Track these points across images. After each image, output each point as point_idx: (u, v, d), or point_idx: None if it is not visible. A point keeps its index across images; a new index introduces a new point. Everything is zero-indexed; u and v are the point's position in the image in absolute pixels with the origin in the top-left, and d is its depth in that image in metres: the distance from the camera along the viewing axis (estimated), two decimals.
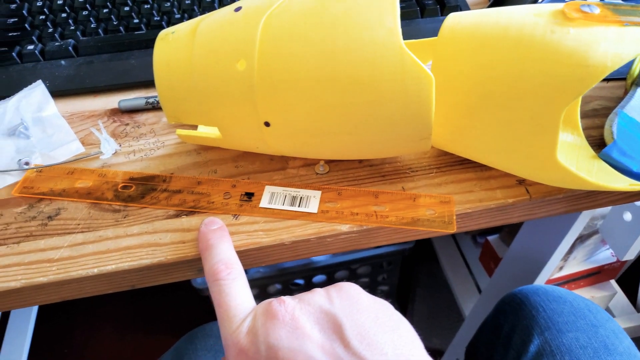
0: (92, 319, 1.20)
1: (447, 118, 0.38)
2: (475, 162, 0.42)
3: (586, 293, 0.93)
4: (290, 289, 1.03)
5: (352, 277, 1.04)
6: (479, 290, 1.07)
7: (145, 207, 0.40)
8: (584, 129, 0.43)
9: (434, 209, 0.39)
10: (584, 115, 0.46)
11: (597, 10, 0.33)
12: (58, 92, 0.49)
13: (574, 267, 0.90)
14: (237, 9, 0.37)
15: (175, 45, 0.37)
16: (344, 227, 0.38)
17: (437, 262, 1.20)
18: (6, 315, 1.08)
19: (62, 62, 0.51)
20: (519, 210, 0.40)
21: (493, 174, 0.41)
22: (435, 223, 0.38)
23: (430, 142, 0.36)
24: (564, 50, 0.32)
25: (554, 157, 0.35)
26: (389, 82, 0.33)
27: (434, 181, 0.41)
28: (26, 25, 0.54)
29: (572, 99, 0.32)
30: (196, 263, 0.37)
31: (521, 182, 0.40)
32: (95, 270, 0.36)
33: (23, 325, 1.06)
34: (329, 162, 0.43)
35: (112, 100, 0.50)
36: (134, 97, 0.49)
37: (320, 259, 1.01)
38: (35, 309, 1.12)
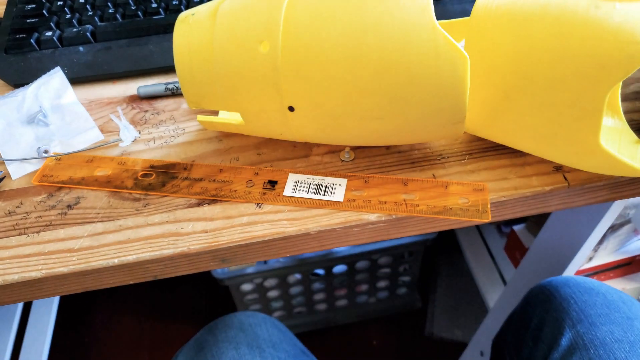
0: (112, 307, 1.21)
1: (481, 101, 0.36)
2: (509, 148, 0.40)
3: (617, 284, 0.90)
4: (310, 279, 1.02)
5: (373, 268, 1.02)
6: (504, 282, 1.05)
7: (166, 196, 0.39)
8: (624, 113, 0.41)
9: (467, 197, 0.37)
10: (625, 99, 0.43)
11: None
12: (76, 79, 0.48)
13: (604, 257, 0.87)
14: None
15: (195, 27, 0.36)
16: (372, 217, 0.36)
17: (460, 253, 1.18)
18: (28, 303, 1.09)
19: (81, 48, 0.50)
20: (557, 199, 0.38)
21: (528, 160, 0.39)
22: (469, 212, 0.36)
23: (464, 126, 0.34)
24: (610, 26, 0.30)
25: (597, 142, 0.33)
26: (421, 62, 0.31)
27: (466, 168, 0.39)
28: (44, 11, 0.53)
29: (619, 79, 0.30)
30: (220, 253, 0.36)
31: (558, 168, 0.38)
32: (116, 261, 0.35)
33: (45, 312, 1.07)
34: (354, 148, 0.41)
35: (131, 87, 0.49)
36: (153, 83, 0.47)
37: (341, 249, 1.00)
38: (56, 302, 1.13)
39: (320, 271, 1.01)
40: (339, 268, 1.01)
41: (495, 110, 0.36)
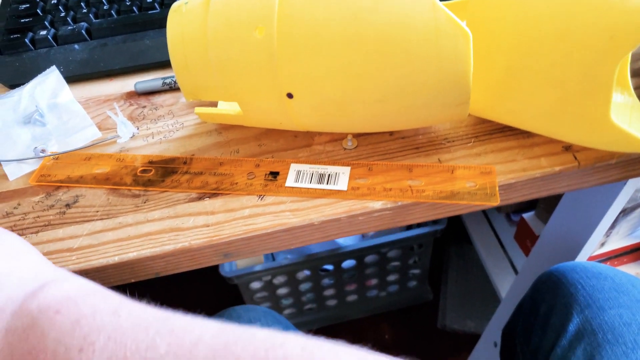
0: None
1: (485, 81, 0.35)
2: (516, 129, 0.38)
3: (630, 269, 0.89)
4: (319, 275, 1.01)
5: (382, 261, 1.01)
6: (515, 271, 1.03)
7: (165, 191, 0.38)
8: (634, 89, 0.39)
9: (474, 181, 0.36)
10: (634, 74, 0.42)
11: None
12: (73, 77, 0.48)
13: (617, 242, 0.85)
14: None
15: (189, 16, 0.35)
16: (377, 204, 0.35)
17: (469, 243, 1.16)
18: None
19: (76, 46, 0.49)
20: (567, 179, 0.37)
21: (536, 141, 0.38)
22: (477, 196, 0.35)
23: (468, 107, 0.33)
24: None
25: (608, 116, 0.31)
26: (421, 41, 0.30)
27: (472, 151, 0.38)
28: (38, 10, 0.52)
29: (628, 50, 0.29)
30: (222, 247, 0.35)
31: (568, 148, 0.37)
32: (117, 259, 0.34)
33: None
34: (357, 136, 0.40)
35: (128, 83, 0.48)
36: (150, 79, 0.47)
37: (349, 243, 0.99)
38: None
39: (329, 267, 1.00)
40: (348, 263, 1.00)
41: (501, 89, 0.35)
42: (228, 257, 0.36)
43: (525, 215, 0.97)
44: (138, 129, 0.43)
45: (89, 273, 0.34)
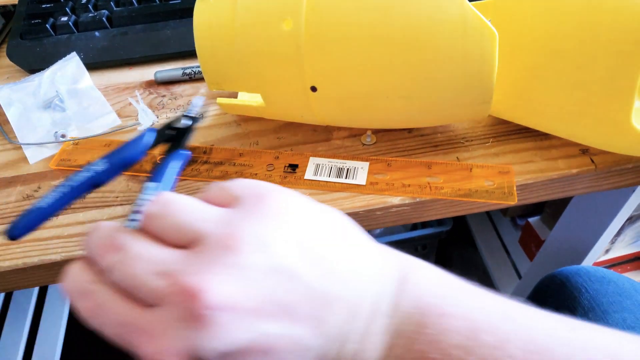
0: None
1: (507, 82, 0.35)
2: (534, 131, 0.39)
3: (634, 277, 0.89)
4: None
5: None
6: (519, 275, 1.04)
7: (185, 180, 0.38)
8: None
9: (492, 180, 0.36)
10: None
11: None
12: (92, 64, 0.48)
13: (622, 249, 0.86)
14: None
15: (216, 5, 0.35)
16: (395, 200, 0.36)
17: (474, 246, 1.16)
18: (42, 298, 1.09)
19: (96, 33, 0.50)
20: (584, 181, 0.37)
21: (554, 143, 0.38)
22: (495, 194, 0.35)
23: (490, 106, 0.34)
24: None
25: (629, 121, 0.32)
26: (449, 39, 0.30)
27: (490, 151, 0.38)
28: None
29: None
30: None
31: (585, 151, 0.37)
32: None
33: (59, 308, 1.07)
34: (376, 132, 0.40)
35: (148, 72, 0.48)
36: (170, 68, 0.47)
37: None
38: None
39: None
40: None
41: (522, 90, 0.35)
42: None
43: (531, 220, 0.97)
44: (157, 117, 0.43)
45: None
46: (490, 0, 0.40)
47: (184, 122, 0.31)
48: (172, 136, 0.31)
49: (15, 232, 0.28)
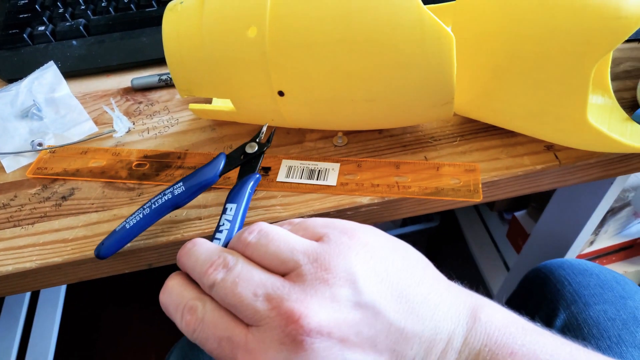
0: (119, 307, 1.21)
1: (470, 82, 0.36)
2: (500, 129, 0.40)
3: (619, 268, 0.90)
4: None
5: None
6: (507, 268, 1.05)
7: (160, 185, 0.39)
8: (615, 92, 0.41)
9: (459, 178, 0.37)
10: (615, 77, 0.43)
11: None
12: (70, 73, 0.48)
13: (605, 241, 0.87)
14: None
15: (184, 15, 0.36)
16: (365, 200, 0.37)
17: (463, 241, 1.17)
18: (34, 301, 1.10)
19: (74, 42, 0.50)
20: (549, 177, 0.38)
21: (520, 140, 0.39)
22: (461, 192, 0.36)
23: (453, 107, 0.34)
24: (595, 2, 0.30)
25: (585, 118, 0.32)
26: (407, 42, 0.31)
27: (457, 149, 0.39)
28: (37, 6, 0.53)
29: (603, 54, 0.30)
30: None
31: (549, 147, 0.38)
32: None
33: (51, 312, 1.08)
34: (347, 133, 0.41)
35: (125, 79, 0.49)
36: (146, 75, 0.48)
37: None
38: (62, 295, 1.14)
39: None
40: None
41: (485, 90, 0.36)
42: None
43: (517, 214, 0.98)
44: (134, 124, 0.44)
45: (83, 263, 0.35)
46: (451, 3, 0.41)
47: (253, 148, 0.35)
48: (243, 161, 0.35)
49: (102, 252, 0.32)
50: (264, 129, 0.36)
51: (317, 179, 0.38)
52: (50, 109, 0.45)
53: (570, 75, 0.31)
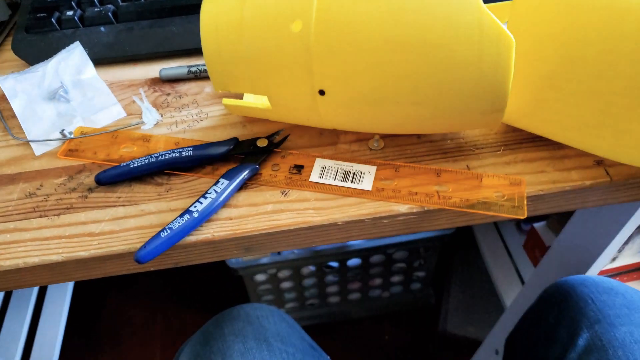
0: (125, 297, 1.20)
1: (522, 89, 0.34)
2: (547, 140, 0.38)
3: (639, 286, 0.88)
4: (323, 271, 1.01)
5: (388, 262, 1.01)
6: (522, 281, 1.03)
7: (188, 182, 0.37)
8: None
9: (502, 191, 0.35)
10: None
11: None
12: (97, 60, 0.47)
13: (629, 258, 0.84)
14: None
15: (224, 5, 0.34)
16: (403, 208, 0.35)
17: (476, 249, 1.16)
18: (42, 291, 1.09)
19: (102, 28, 0.49)
20: (598, 194, 0.36)
21: (568, 153, 0.37)
22: (504, 207, 0.34)
23: (503, 115, 0.33)
24: None
25: None
26: (464, 44, 0.29)
27: (501, 160, 0.37)
28: None
29: None
30: (244, 241, 0.35)
31: (600, 162, 0.36)
32: (138, 246, 0.34)
33: (59, 302, 1.07)
34: (384, 137, 0.39)
35: (153, 69, 0.47)
36: (175, 66, 0.46)
37: (356, 242, 0.99)
38: (70, 288, 1.13)
39: (335, 264, 1.00)
40: (354, 261, 1.00)
41: (538, 98, 0.34)
42: (249, 250, 0.36)
43: (536, 225, 0.96)
44: (162, 116, 0.43)
45: (110, 259, 0.34)
46: (507, 2, 0.39)
47: (264, 143, 0.38)
48: (250, 151, 0.38)
49: (142, 258, 0.32)
50: (281, 132, 0.39)
51: (351, 182, 0.36)
52: (77, 92, 0.43)
53: (638, 86, 0.29)
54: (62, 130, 0.41)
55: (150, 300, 1.20)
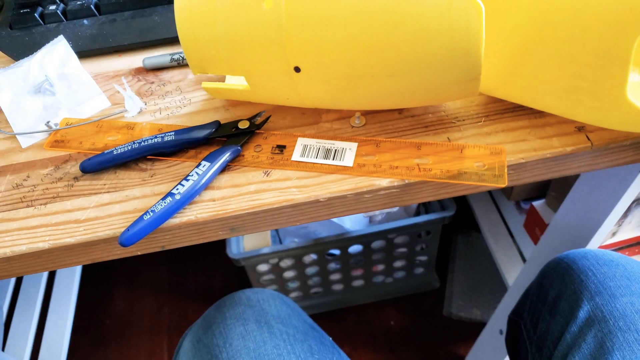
0: (131, 290, 1.22)
1: (497, 58, 0.34)
2: (528, 109, 0.38)
3: None
4: (325, 259, 1.01)
5: (389, 247, 1.01)
6: (523, 259, 1.03)
7: (172, 166, 0.38)
8: None
9: (483, 161, 0.35)
10: None
11: None
12: (82, 52, 0.47)
13: (629, 232, 0.84)
14: None
15: None
16: (384, 182, 0.35)
17: (478, 231, 1.15)
18: (50, 285, 1.11)
19: (85, 21, 0.49)
20: (579, 160, 0.36)
21: (549, 121, 0.37)
22: (485, 176, 0.34)
23: (479, 83, 0.33)
24: None
25: (624, 94, 0.31)
26: (432, 12, 0.29)
27: (482, 130, 0.37)
28: None
29: None
30: (228, 222, 0.35)
31: (581, 128, 0.36)
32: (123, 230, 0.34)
33: (66, 295, 1.09)
34: (365, 114, 0.39)
35: (137, 59, 0.48)
36: (158, 55, 0.46)
37: (357, 228, 0.99)
38: (77, 278, 1.15)
39: (336, 251, 1.00)
40: (355, 248, 1.00)
41: (513, 66, 0.34)
42: (235, 231, 0.36)
43: (535, 203, 0.96)
44: (146, 104, 0.43)
45: (96, 244, 0.35)
46: None
47: (245, 125, 0.38)
48: (232, 133, 0.38)
49: (126, 241, 0.32)
50: (262, 113, 0.39)
51: (333, 159, 0.37)
52: (62, 84, 0.44)
53: (610, 47, 0.29)
54: (48, 122, 0.41)
55: (156, 294, 1.21)
